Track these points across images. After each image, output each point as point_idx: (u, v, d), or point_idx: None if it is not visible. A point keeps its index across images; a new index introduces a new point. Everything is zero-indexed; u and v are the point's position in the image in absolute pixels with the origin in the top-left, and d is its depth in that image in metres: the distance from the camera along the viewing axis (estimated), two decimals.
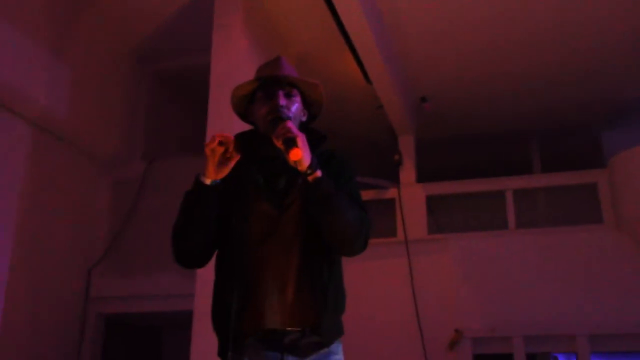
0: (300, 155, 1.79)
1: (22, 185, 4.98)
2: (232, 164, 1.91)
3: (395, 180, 6.42)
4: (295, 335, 1.91)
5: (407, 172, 6.45)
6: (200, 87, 4.70)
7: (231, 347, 1.91)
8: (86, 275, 5.67)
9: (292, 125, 1.87)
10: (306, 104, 2.13)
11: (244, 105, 2.14)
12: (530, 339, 5.69)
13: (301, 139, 1.81)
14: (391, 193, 6.29)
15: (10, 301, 4.72)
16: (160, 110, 6.47)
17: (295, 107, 2.04)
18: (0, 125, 4.76)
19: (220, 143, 1.88)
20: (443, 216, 6.50)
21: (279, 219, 1.95)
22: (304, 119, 2.11)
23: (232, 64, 4.44)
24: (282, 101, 2.00)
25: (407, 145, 6.53)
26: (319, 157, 2.00)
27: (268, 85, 2.05)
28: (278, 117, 1.94)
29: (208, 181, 1.93)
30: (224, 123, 4.19)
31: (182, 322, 4.61)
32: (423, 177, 6.49)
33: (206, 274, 3.98)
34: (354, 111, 6.58)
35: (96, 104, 5.67)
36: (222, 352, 1.96)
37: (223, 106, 4.32)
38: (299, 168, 1.84)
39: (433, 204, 6.38)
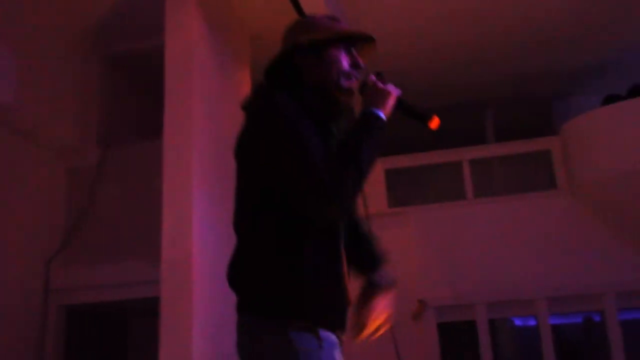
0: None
1: None
2: None
3: None
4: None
5: None
6: (156, 70, 4.61)
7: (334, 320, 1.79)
8: (45, 266, 5.57)
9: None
10: None
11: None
12: (492, 305, 5.83)
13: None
14: None
15: None
16: (114, 95, 6.31)
17: None
18: None
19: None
20: (402, 189, 6.58)
21: None
22: None
23: (187, 45, 4.33)
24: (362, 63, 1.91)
25: None
26: None
27: (355, 42, 1.92)
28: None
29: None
30: (181, 106, 4.14)
31: (147, 309, 4.57)
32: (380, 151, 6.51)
33: (172, 257, 3.95)
34: None
35: (46, 89, 5.49)
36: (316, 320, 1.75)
37: (179, 88, 4.27)
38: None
39: (391, 177, 6.44)
